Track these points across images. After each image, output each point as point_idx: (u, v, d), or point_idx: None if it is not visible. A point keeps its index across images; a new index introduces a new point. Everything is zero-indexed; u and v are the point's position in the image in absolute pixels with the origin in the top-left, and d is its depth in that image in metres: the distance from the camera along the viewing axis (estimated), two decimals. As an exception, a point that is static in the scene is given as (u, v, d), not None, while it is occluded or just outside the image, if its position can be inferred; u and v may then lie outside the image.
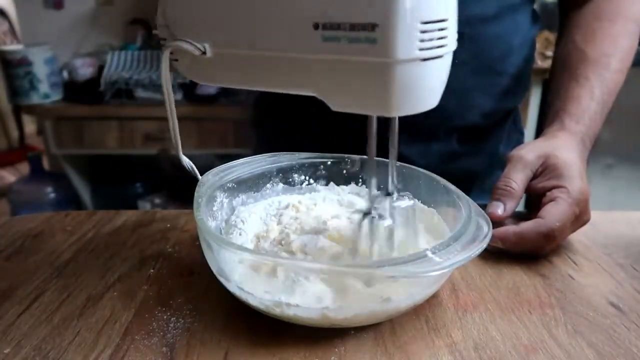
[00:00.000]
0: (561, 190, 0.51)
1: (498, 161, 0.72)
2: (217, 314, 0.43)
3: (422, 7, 0.31)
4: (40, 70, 1.82)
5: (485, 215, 0.43)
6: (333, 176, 0.58)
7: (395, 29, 0.30)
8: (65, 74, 1.93)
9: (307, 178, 0.58)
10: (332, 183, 0.58)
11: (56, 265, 0.51)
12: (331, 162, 0.57)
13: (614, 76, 0.62)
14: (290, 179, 0.57)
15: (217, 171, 0.52)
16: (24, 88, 1.83)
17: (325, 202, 0.55)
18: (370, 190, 0.40)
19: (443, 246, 0.38)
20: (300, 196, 0.56)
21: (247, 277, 0.41)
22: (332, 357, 0.38)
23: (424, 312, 0.43)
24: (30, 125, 3.24)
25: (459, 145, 0.70)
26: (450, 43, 0.34)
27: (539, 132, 0.62)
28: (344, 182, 0.58)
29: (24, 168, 2.65)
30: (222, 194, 0.51)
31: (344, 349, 0.39)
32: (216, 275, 0.43)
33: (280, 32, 0.34)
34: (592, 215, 0.53)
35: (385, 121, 0.38)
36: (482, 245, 0.39)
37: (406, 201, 0.43)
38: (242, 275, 0.41)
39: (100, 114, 1.83)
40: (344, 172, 0.57)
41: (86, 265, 0.51)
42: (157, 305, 0.44)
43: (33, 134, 3.20)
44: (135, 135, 1.86)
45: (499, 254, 0.51)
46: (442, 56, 0.33)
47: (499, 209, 0.52)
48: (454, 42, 0.34)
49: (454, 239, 0.39)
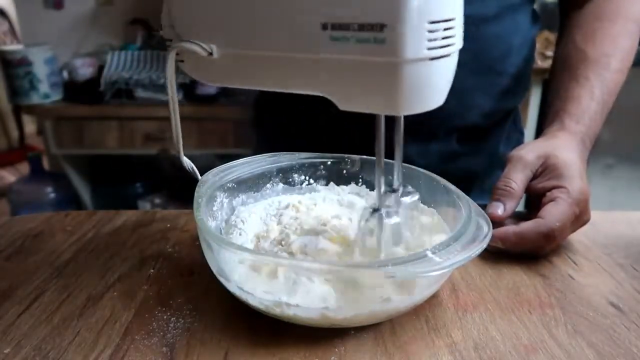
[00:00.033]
0: (561, 190, 0.51)
1: (498, 161, 0.72)
2: (217, 314, 0.43)
3: (430, 7, 0.31)
4: (40, 70, 1.82)
5: (485, 215, 0.43)
6: (333, 176, 0.58)
7: (403, 29, 0.31)
8: (65, 74, 1.93)
9: (307, 178, 0.58)
10: (332, 183, 0.58)
11: (56, 265, 0.51)
12: (331, 162, 0.57)
13: (614, 76, 0.62)
14: (290, 179, 0.57)
15: (217, 171, 0.52)
16: (24, 88, 1.83)
17: (325, 202, 0.55)
18: (380, 188, 0.40)
19: (443, 246, 0.38)
20: (300, 196, 0.56)
21: (247, 277, 0.41)
22: (332, 357, 0.38)
23: (424, 312, 0.43)
24: (30, 125, 3.24)
25: (459, 145, 0.70)
26: (457, 42, 0.34)
27: (539, 132, 0.62)
28: (344, 182, 0.58)
29: (24, 168, 2.65)
30: (222, 194, 0.51)
31: (344, 349, 0.39)
32: (216, 275, 0.43)
33: (288, 33, 0.35)
34: (592, 215, 0.53)
35: (388, 120, 0.38)
36: (482, 245, 0.39)
37: (412, 197, 0.43)
38: (242, 275, 0.41)
39: (100, 114, 1.83)
40: (344, 172, 0.57)
41: (86, 265, 0.51)
42: (157, 305, 0.44)
43: (33, 134, 3.20)
44: (135, 135, 1.86)
45: (499, 254, 0.51)
46: (449, 55, 0.34)
47: (499, 209, 0.52)
48: (460, 40, 0.34)
49: (454, 239, 0.39)
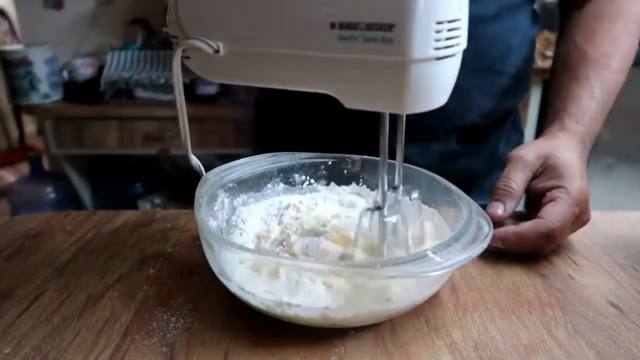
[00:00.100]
0: (561, 190, 0.51)
1: (498, 161, 0.72)
2: (217, 314, 0.43)
3: (437, 7, 0.31)
4: (40, 70, 1.82)
5: (486, 215, 0.43)
6: (334, 176, 0.58)
7: (411, 29, 0.31)
8: (65, 74, 1.93)
9: (308, 178, 0.58)
10: (332, 183, 0.58)
11: (56, 265, 0.51)
12: (332, 162, 0.57)
13: (615, 76, 0.62)
14: (291, 179, 0.57)
15: (217, 171, 0.52)
16: (24, 88, 1.82)
17: (326, 202, 0.55)
18: (383, 186, 0.40)
19: (444, 246, 0.38)
20: (301, 196, 0.56)
21: (247, 277, 0.41)
22: (332, 357, 0.38)
23: (424, 312, 0.43)
24: (30, 125, 3.24)
25: (459, 145, 0.70)
26: (462, 42, 0.34)
27: (539, 132, 0.62)
28: (344, 182, 0.58)
29: (24, 168, 2.65)
30: (223, 194, 0.51)
31: (344, 349, 0.39)
32: (217, 275, 0.43)
33: (296, 31, 0.35)
34: (592, 215, 0.53)
35: (390, 120, 0.38)
36: (482, 245, 0.39)
37: (413, 195, 0.43)
38: (243, 276, 0.41)
39: (100, 114, 1.83)
40: (345, 172, 0.57)
41: (86, 265, 0.51)
42: (157, 305, 0.44)
43: (33, 134, 3.20)
44: (135, 135, 1.86)
45: (499, 254, 0.51)
46: (454, 55, 0.34)
47: (499, 209, 0.52)
48: (465, 40, 0.35)
49: (455, 239, 0.39)
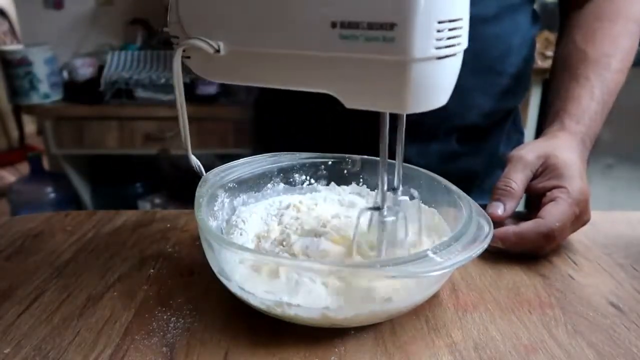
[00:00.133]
0: (561, 190, 0.51)
1: (498, 161, 0.72)
2: (217, 314, 0.43)
3: (438, 7, 0.31)
4: (40, 70, 1.82)
5: (486, 215, 0.43)
6: (334, 176, 0.58)
7: (413, 28, 0.31)
8: (65, 74, 1.93)
9: (308, 178, 0.58)
10: (332, 183, 0.58)
11: (56, 265, 0.51)
12: (332, 162, 0.57)
13: (615, 76, 0.62)
14: (291, 179, 0.57)
15: (217, 171, 0.52)
16: (24, 88, 1.82)
17: (326, 202, 0.55)
18: (382, 187, 0.40)
19: (444, 246, 0.38)
20: (301, 196, 0.56)
21: (248, 277, 0.41)
22: (332, 357, 0.38)
23: (424, 312, 0.43)
24: (30, 125, 3.24)
25: (459, 145, 0.70)
26: (463, 42, 0.34)
27: (539, 132, 0.62)
28: (344, 182, 0.58)
29: (24, 168, 2.65)
30: (223, 194, 0.51)
31: (344, 349, 0.39)
32: (217, 275, 0.43)
33: (297, 31, 0.35)
34: (592, 215, 0.53)
35: (390, 120, 0.38)
36: (483, 245, 0.39)
37: (412, 196, 0.43)
38: (243, 275, 0.41)
39: (100, 114, 1.83)
40: (345, 172, 0.57)
41: (86, 265, 0.51)
42: (157, 305, 0.44)
43: (33, 134, 3.20)
44: (135, 135, 1.86)
45: (499, 254, 0.51)
46: (455, 54, 0.34)
47: (499, 209, 0.52)
48: (466, 40, 0.35)
49: (455, 239, 0.39)
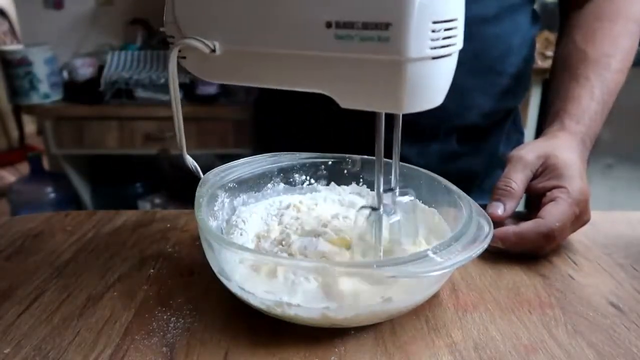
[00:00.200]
0: (561, 190, 0.51)
1: (498, 161, 0.72)
2: (217, 314, 0.43)
3: (434, 7, 0.31)
4: (40, 70, 1.82)
5: (486, 215, 0.43)
6: (334, 176, 0.58)
7: (408, 28, 0.31)
8: (65, 74, 1.93)
9: (308, 178, 0.58)
10: (333, 183, 0.58)
11: (56, 265, 0.51)
12: (332, 162, 0.57)
13: (615, 76, 0.62)
14: (291, 179, 0.57)
15: (217, 171, 0.52)
16: (24, 88, 1.82)
17: (326, 202, 0.55)
18: (379, 187, 0.40)
19: (444, 246, 0.38)
20: (301, 196, 0.56)
21: (247, 277, 0.41)
22: (332, 357, 0.38)
23: (424, 312, 0.43)
24: (30, 125, 3.24)
25: (459, 145, 0.70)
26: (458, 42, 0.34)
27: (539, 132, 0.62)
28: (344, 182, 0.58)
29: (24, 168, 2.65)
30: (223, 194, 0.51)
31: (344, 349, 0.39)
32: (217, 275, 0.43)
33: (292, 31, 0.35)
34: (592, 215, 0.53)
35: (387, 120, 0.38)
36: (483, 245, 0.39)
37: (408, 196, 0.43)
38: (243, 275, 0.41)
39: (100, 114, 1.83)
40: (345, 172, 0.57)
41: (86, 265, 0.51)
42: (157, 305, 0.44)
43: (33, 134, 3.20)
44: (135, 135, 1.86)
45: (499, 254, 0.51)
46: (450, 55, 0.34)
47: (499, 209, 0.52)
48: (462, 40, 0.35)
49: (455, 239, 0.39)
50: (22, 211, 1.91)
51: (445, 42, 0.33)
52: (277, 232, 0.48)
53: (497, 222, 0.50)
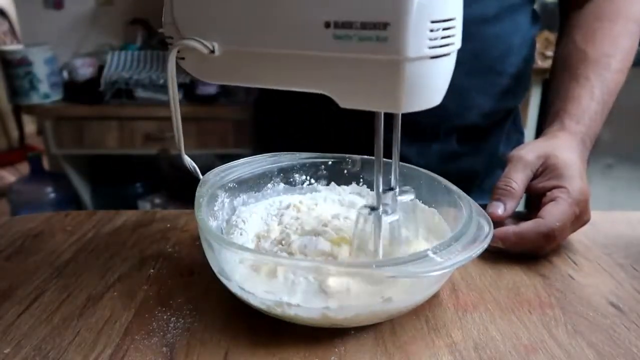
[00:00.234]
0: (561, 190, 0.51)
1: (498, 161, 0.72)
2: (217, 314, 0.43)
3: (432, 7, 0.31)
4: (40, 70, 1.82)
5: (486, 215, 0.43)
6: (334, 176, 0.58)
7: (406, 28, 0.31)
8: (65, 74, 1.93)
9: (308, 178, 0.58)
10: (333, 183, 0.58)
11: (56, 265, 0.51)
12: (332, 162, 0.57)
13: (615, 76, 0.62)
14: (291, 179, 0.57)
15: (217, 171, 0.52)
16: (24, 88, 1.82)
17: (326, 202, 0.55)
18: (378, 186, 0.40)
19: (444, 246, 0.38)
20: (301, 196, 0.56)
21: (247, 277, 0.41)
22: (332, 357, 0.38)
23: (424, 312, 0.43)
24: (30, 125, 3.24)
25: (459, 145, 0.70)
26: (457, 41, 0.34)
27: (539, 132, 0.62)
28: (344, 182, 0.58)
29: (24, 168, 2.65)
30: (223, 194, 0.51)
31: (344, 349, 0.39)
32: (217, 275, 0.43)
33: (290, 31, 0.35)
34: (592, 215, 0.53)
35: (386, 119, 0.38)
36: (483, 245, 0.39)
37: (408, 196, 0.43)
38: (243, 275, 0.41)
39: (100, 114, 1.83)
40: (345, 172, 0.57)
41: (86, 265, 0.51)
42: (157, 305, 0.44)
43: (33, 134, 3.20)
44: (135, 135, 1.86)
45: (499, 254, 0.51)
46: (448, 54, 0.34)
47: (499, 209, 0.52)
48: (460, 40, 0.35)
49: (455, 239, 0.39)
50: (22, 211, 1.91)
51: (444, 42, 0.33)
52: (277, 232, 0.48)
53: (497, 222, 0.50)
